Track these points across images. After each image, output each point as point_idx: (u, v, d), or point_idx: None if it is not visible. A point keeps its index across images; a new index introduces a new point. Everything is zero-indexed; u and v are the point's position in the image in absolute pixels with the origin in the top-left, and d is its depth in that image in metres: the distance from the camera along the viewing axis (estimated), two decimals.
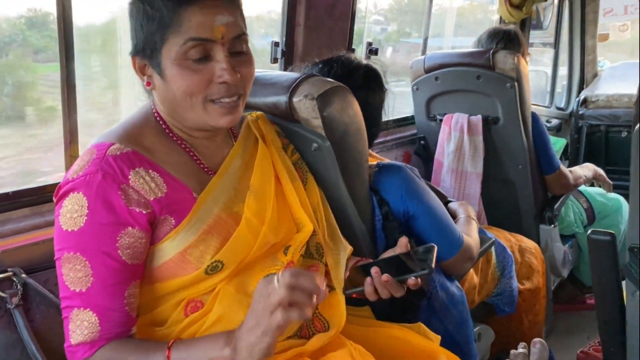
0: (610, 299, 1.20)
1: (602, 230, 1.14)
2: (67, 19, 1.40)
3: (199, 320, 1.03)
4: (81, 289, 0.96)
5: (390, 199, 1.46)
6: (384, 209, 1.45)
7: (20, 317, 1.26)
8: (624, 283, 1.19)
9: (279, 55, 1.96)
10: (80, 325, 0.96)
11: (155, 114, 1.07)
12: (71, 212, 0.95)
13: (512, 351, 1.23)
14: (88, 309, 0.96)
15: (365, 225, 1.41)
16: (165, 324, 1.04)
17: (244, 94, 1.05)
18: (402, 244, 1.11)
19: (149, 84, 1.03)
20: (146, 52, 0.99)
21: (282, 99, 1.27)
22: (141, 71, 1.03)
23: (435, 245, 1.09)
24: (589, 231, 1.16)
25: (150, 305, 1.04)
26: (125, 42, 1.08)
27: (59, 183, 1.44)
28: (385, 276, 1.08)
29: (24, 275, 1.29)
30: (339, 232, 1.25)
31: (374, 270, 1.10)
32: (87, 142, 1.47)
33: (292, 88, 1.27)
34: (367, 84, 1.46)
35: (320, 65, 1.48)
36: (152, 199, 0.98)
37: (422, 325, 1.31)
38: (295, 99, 1.26)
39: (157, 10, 0.96)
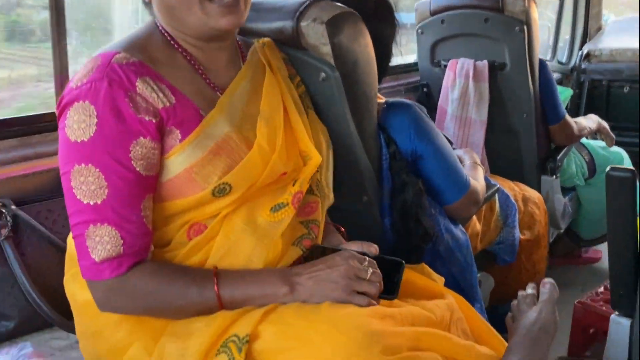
0: (624, 240, 1.17)
1: (623, 167, 1.10)
2: None
3: (204, 247, 1.00)
4: (96, 202, 0.91)
5: (398, 138, 1.41)
6: (392, 148, 1.41)
7: (11, 249, 1.23)
8: None
9: None
10: (100, 241, 0.91)
11: (159, 27, 1.03)
12: (78, 122, 0.90)
13: (520, 292, 1.20)
14: (105, 224, 0.91)
15: (372, 164, 1.36)
16: (169, 246, 1.01)
17: None
18: (372, 250, 1.05)
19: None
20: None
21: (289, 23, 1.20)
22: None
23: (404, 262, 1.03)
24: (609, 167, 1.11)
25: (155, 225, 0.99)
26: None
27: (48, 113, 1.41)
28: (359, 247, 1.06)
29: (13, 207, 1.24)
30: (332, 178, 1.21)
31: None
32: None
33: (300, 12, 1.20)
34: (379, 14, 1.38)
35: None
36: (160, 107, 0.94)
37: (426, 266, 1.27)
38: (303, 24, 1.20)
39: None
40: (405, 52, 2.40)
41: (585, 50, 3.47)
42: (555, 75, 3.44)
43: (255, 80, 1.10)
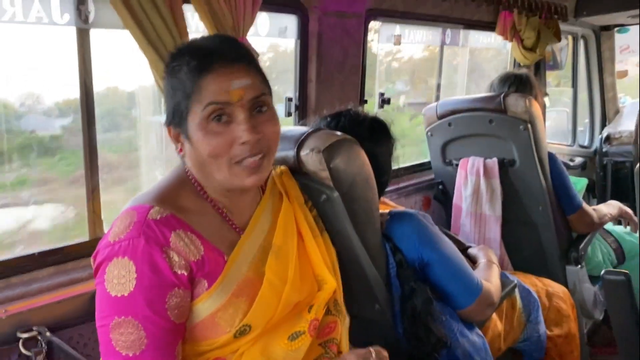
0: (631, 339, 1.17)
1: (616, 270, 1.12)
2: (88, 87, 1.49)
3: None
4: (135, 353, 0.95)
5: (404, 247, 1.46)
6: (398, 257, 1.45)
7: None
8: None
9: (292, 110, 2.02)
10: None
11: (190, 176, 1.10)
12: (118, 278, 0.95)
13: None
14: None
15: (380, 273, 1.41)
16: None
17: (269, 152, 1.06)
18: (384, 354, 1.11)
19: (180, 150, 1.08)
20: (175, 121, 1.05)
21: (290, 153, 1.31)
22: (175, 139, 1.08)
23: None
24: (603, 271, 1.14)
25: None
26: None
27: (81, 242, 1.55)
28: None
29: (48, 334, 1.34)
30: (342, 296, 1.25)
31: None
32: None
33: (300, 142, 1.31)
34: (374, 135, 1.49)
35: (328, 119, 1.52)
36: (192, 260, 1.00)
37: None
38: (302, 153, 1.30)
39: (181, 81, 1.02)
40: None
41: (605, 133, 3.51)
42: (578, 159, 3.49)
43: (275, 210, 1.17)
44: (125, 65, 1.80)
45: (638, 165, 0.96)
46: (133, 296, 0.94)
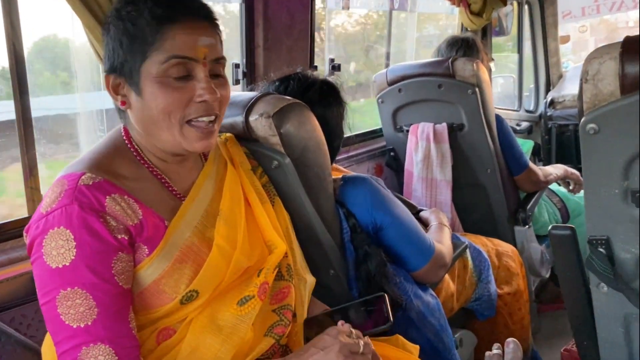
0: (577, 292, 1.21)
1: (562, 225, 1.15)
2: (18, 53, 1.40)
3: (172, 349, 1.02)
4: (86, 323, 0.91)
5: (357, 211, 1.46)
6: (351, 222, 1.45)
7: None
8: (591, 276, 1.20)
9: (240, 77, 1.97)
10: None
11: (126, 141, 1.06)
12: (57, 248, 0.91)
13: (487, 353, 1.23)
14: (99, 343, 0.91)
15: (334, 239, 1.41)
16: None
17: (219, 116, 1.04)
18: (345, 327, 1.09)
19: (123, 103, 1.01)
20: (124, 71, 0.99)
21: (239, 119, 1.28)
22: (114, 90, 1.02)
23: (385, 294, 1.12)
24: (550, 227, 1.17)
25: None
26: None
27: (20, 219, 1.47)
28: (347, 327, 1.08)
29: None
30: (304, 260, 1.25)
31: (340, 322, 1.11)
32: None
33: (248, 107, 1.27)
34: (324, 99, 1.46)
35: (277, 84, 1.49)
36: (129, 224, 0.97)
37: (400, 337, 1.30)
38: (251, 118, 1.27)
39: (139, 28, 0.96)
40: None
41: (549, 97, 3.61)
42: (524, 124, 3.58)
43: (219, 177, 1.14)
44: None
45: (582, 119, 0.98)
46: (75, 264, 0.91)
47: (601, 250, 1.02)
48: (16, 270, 1.36)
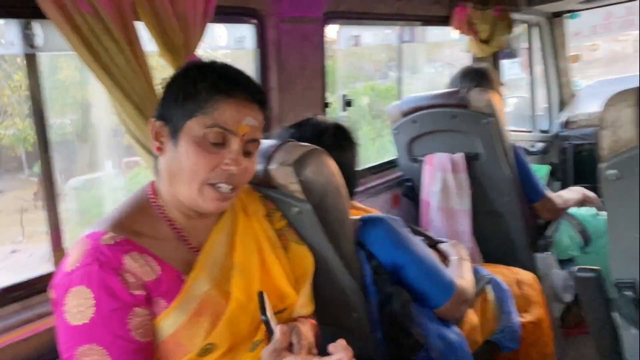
0: (605, 333, 1.20)
1: (587, 267, 1.15)
2: (41, 112, 1.43)
3: None
4: None
5: (377, 252, 1.46)
6: (373, 263, 1.45)
7: None
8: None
9: None
10: None
11: (151, 195, 1.12)
12: (77, 307, 0.96)
13: None
14: None
15: (355, 280, 1.41)
16: None
17: (238, 188, 1.10)
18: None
19: (159, 148, 1.09)
20: (170, 120, 1.06)
21: (259, 167, 1.30)
22: (156, 134, 1.08)
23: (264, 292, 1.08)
24: (576, 269, 1.16)
25: None
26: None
27: (46, 275, 1.49)
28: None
29: None
30: (311, 298, 1.27)
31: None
32: None
33: (269, 156, 1.30)
34: (338, 142, 1.49)
35: (292, 130, 1.51)
36: (147, 280, 1.01)
37: None
38: (271, 167, 1.29)
39: (198, 91, 1.04)
40: None
41: (563, 117, 3.59)
42: (539, 145, 3.56)
43: (232, 230, 1.17)
44: None
45: (605, 164, 0.98)
46: (94, 322, 0.96)
47: (628, 293, 1.02)
48: (43, 325, 1.38)
